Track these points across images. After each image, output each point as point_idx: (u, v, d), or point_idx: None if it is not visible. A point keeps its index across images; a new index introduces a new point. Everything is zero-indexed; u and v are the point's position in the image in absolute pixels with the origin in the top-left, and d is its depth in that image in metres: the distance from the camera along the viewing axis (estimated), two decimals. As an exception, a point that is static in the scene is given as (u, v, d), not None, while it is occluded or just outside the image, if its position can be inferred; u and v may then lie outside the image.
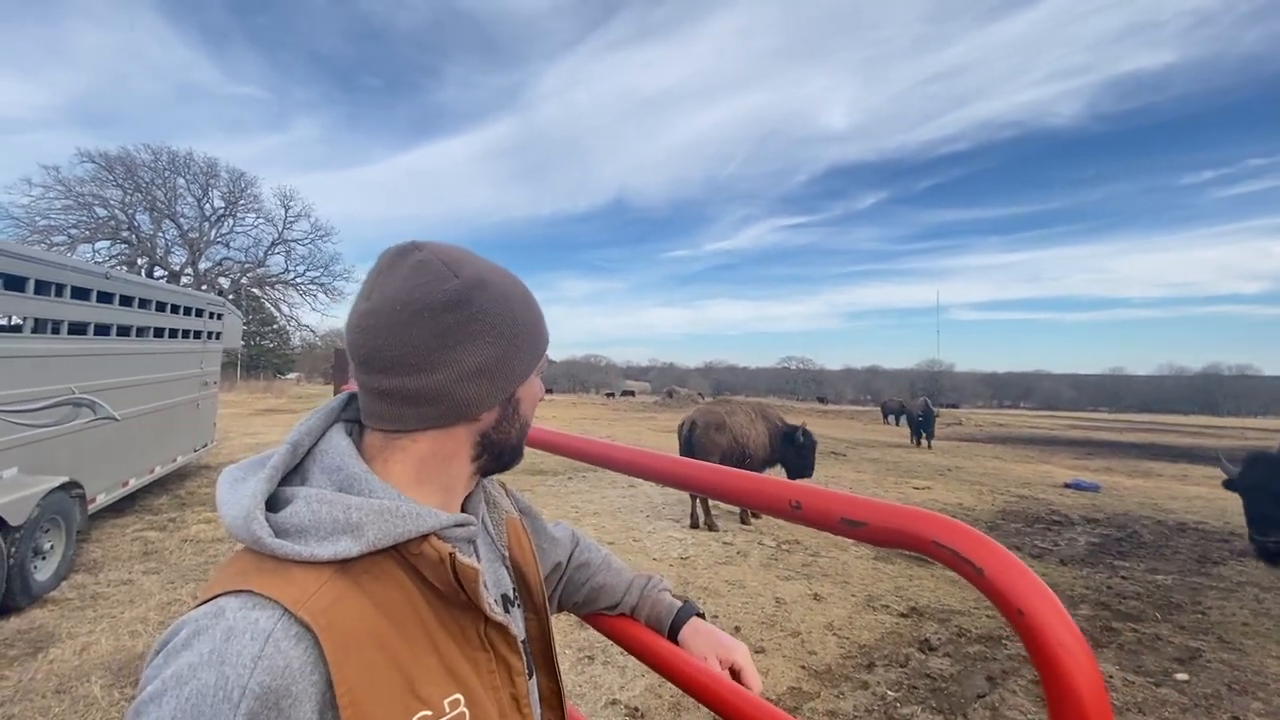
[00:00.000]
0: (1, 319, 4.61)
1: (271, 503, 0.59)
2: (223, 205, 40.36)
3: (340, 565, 0.55)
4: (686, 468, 0.89)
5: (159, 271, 37.51)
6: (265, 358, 51.16)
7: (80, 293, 5.22)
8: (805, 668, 3.90)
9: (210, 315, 8.59)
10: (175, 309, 7.29)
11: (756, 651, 4.08)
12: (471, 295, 0.63)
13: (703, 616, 0.98)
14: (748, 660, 0.90)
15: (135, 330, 6.29)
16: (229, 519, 0.56)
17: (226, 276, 41.37)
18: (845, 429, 25.52)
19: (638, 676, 3.62)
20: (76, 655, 3.66)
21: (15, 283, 4.46)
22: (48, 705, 3.13)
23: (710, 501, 7.49)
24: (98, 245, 35.55)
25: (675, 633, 0.96)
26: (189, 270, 39.19)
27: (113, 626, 4.05)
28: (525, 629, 0.79)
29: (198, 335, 8.17)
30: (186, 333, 7.76)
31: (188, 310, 7.72)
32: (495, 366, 0.64)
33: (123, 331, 6.04)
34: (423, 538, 0.59)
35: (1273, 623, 4.94)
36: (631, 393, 64.72)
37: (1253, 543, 5.12)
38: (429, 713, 0.56)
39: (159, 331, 6.89)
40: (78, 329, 5.26)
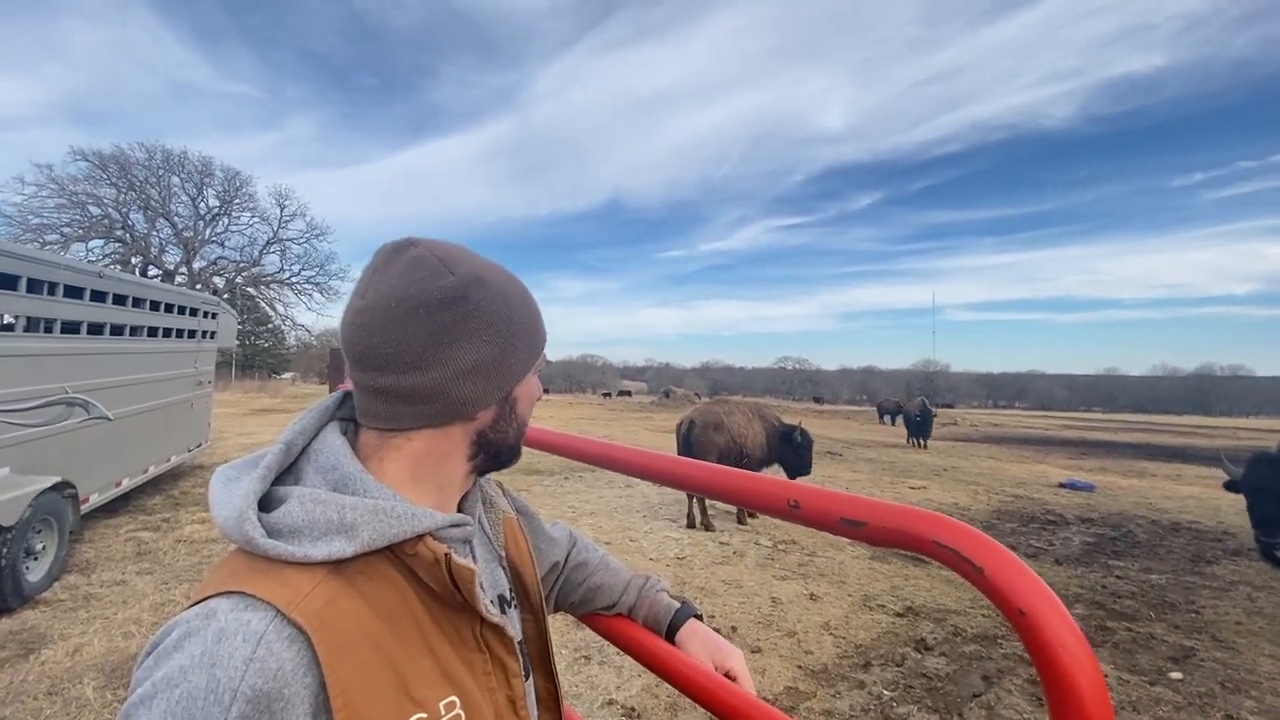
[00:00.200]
0: None
1: (265, 502, 0.58)
2: (217, 204, 40.21)
3: (334, 566, 0.55)
4: (684, 467, 0.88)
5: (153, 270, 37.31)
6: (260, 357, 50.96)
7: (73, 291, 5.18)
8: (802, 667, 3.90)
9: (204, 314, 8.54)
10: (169, 308, 7.25)
11: (753, 651, 4.08)
12: (468, 292, 0.62)
13: (700, 618, 0.98)
14: (742, 666, 0.90)
15: (129, 329, 6.25)
16: (221, 519, 0.55)
17: (221, 276, 41.19)
18: (841, 429, 25.57)
19: (634, 676, 3.61)
20: (69, 657, 3.63)
21: (8, 281, 4.42)
22: (39, 707, 3.10)
23: (707, 501, 7.49)
24: (91, 244, 35.40)
25: (673, 633, 0.95)
26: (183, 269, 39.00)
27: (105, 627, 4.02)
28: (522, 630, 0.78)
29: (192, 334, 8.12)
30: (180, 332, 7.71)
31: (182, 309, 7.67)
32: (492, 365, 0.64)
33: (116, 331, 6.00)
34: (418, 538, 0.58)
35: (1265, 621, 4.97)
36: (628, 393, 64.69)
37: (1258, 544, 5.01)
38: (424, 715, 0.55)
39: (153, 331, 6.85)
40: (71, 328, 5.22)
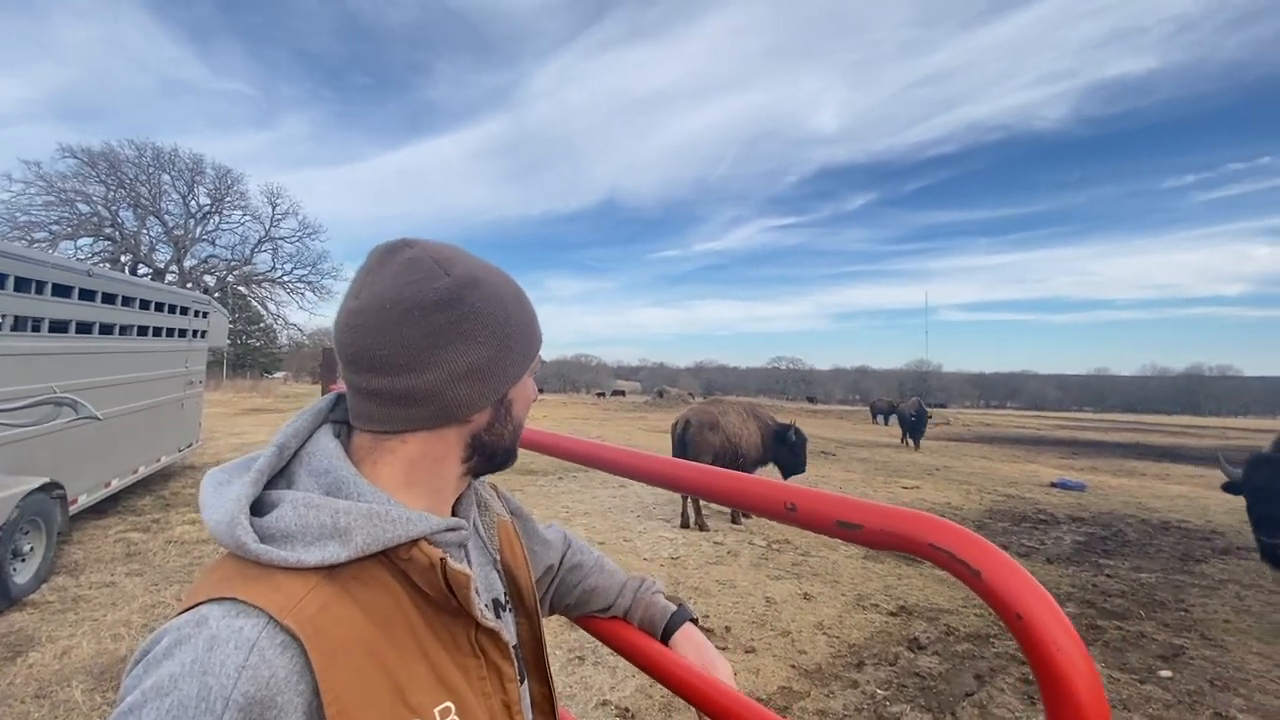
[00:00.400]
0: None
1: (257, 507, 0.57)
2: (209, 202, 39.99)
3: (328, 571, 0.54)
4: (681, 470, 0.88)
5: (143, 269, 37.06)
6: (252, 356, 50.65)
7: (62, 290, 5.13)
8: (795, 667, 3.91)
9: (195, 313, 8.48)
10: (159, 307, 7.18)
11: (747, 651, 4.09)
12: (463, 294, 0.62)
13: (696, 622, 0.98)
14: (729, 680, 0.89)
15: (118, 328, 6.19)
16: (212, 523, 0.55)
17: (212, 274, 40.93)
18: (835, 429, 25.65)
19: (628, 677, 3.61)
20: (57, 659, 3.59)
21: (-5, 280, 4.38)
22: (27, 710, 3.07)
23: (701, 501, 7.50)
24: (80, 242, 35.15)
25: (668, 636, 0.95)
26: (174, 268, 38.74)
27: (94, 630, 3.98)
28: (516, 634, 0.78)
29: (182, 334, 8.06)
30: (171, 331, 7.64)
31: (172, 308, 7.60)
32: (487, 367, 0.63)
33: (105, 330, 5.94)
34: (412, 543, 0.58)
35: (1253, 619, 5.02)
36: (622, 392, 64.71)
37: (1260, 545, 4.95)
38: None
39: (142, 330, 6.78)
40: (59, 327, 5.17)
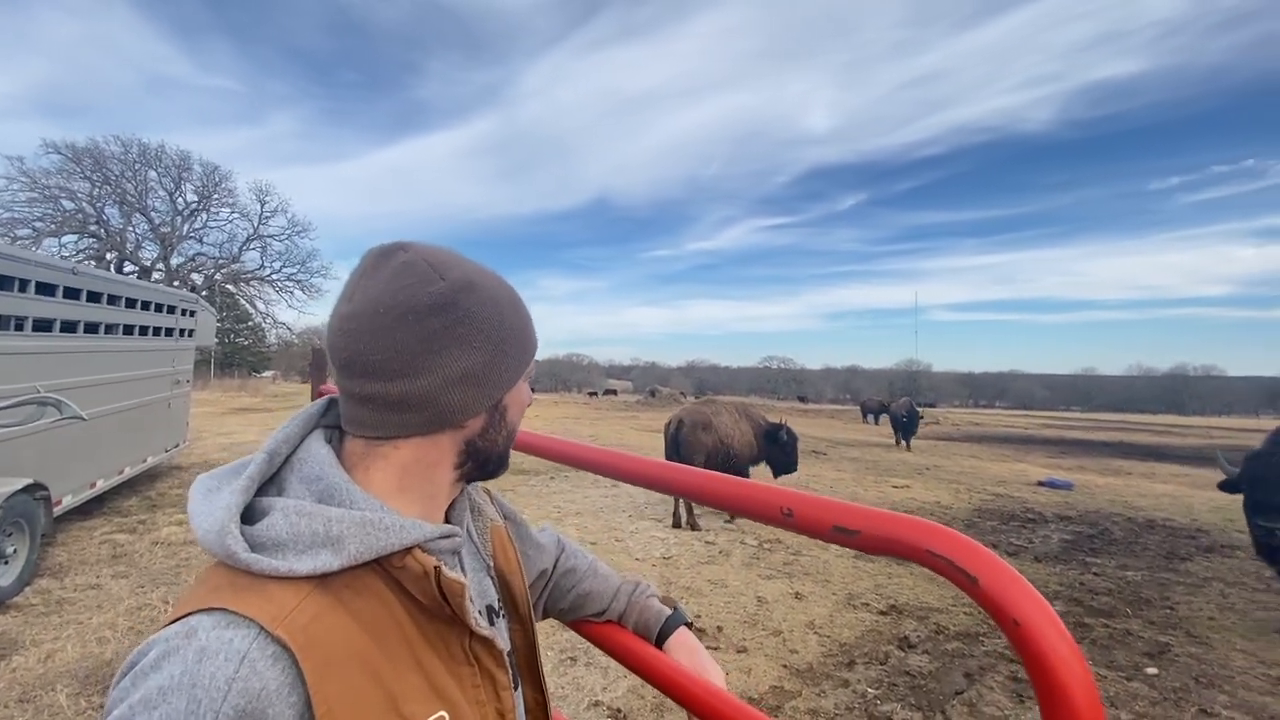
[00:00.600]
0: None
1: (247, 514, 0.56)
2: (196, 199, 39.54)
3: (320, 580, 0.53)
4: (676, 473, 0.87)
5: (129, 267, 36.62)
6: (240, 355, 50.16)
7: (46, 288, 5.06)
8: (787, 666, 3.92)
9: (182, 312, 8.40)
10: (146, 305, 7.11)
11: (739, 651, 4.09)
12: (458, 298, 0.61)
13: (691, 626, 0.98)
14: (722, 684, 0.88)
15: (104, 327, 6.11)
16: (202, 532, 0.54)
17: (200, 272, 40.52)
18: (825, 428, 25.76)
19: (620, 678, 3.61)
20: (41, 663, 3.54)
21: (-23, 278, 4.32)
22: (10, 715, 3.03)
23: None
24: (64, 239, 34.72)
25: (663, 639, 0.95)
26: (160, 266, 38.32)
27: (79, 633, 3.93)
28: (510, 639, 0.77)
29: (169, 332, 7.98)
30: (158, 330, 7.56)
31: (159, 307, 7.52)
32: (482, 372, 0.62)
33: (90, 329, 5.86)
34: (406, 551, 0.57)
35: (1237, 617, 5.09)
36: (614, 392, 64.55)
37: (1254, 536, 4.80)
38: None
39: (128, 329, 6.70)
40: (43, 326, 5.10)
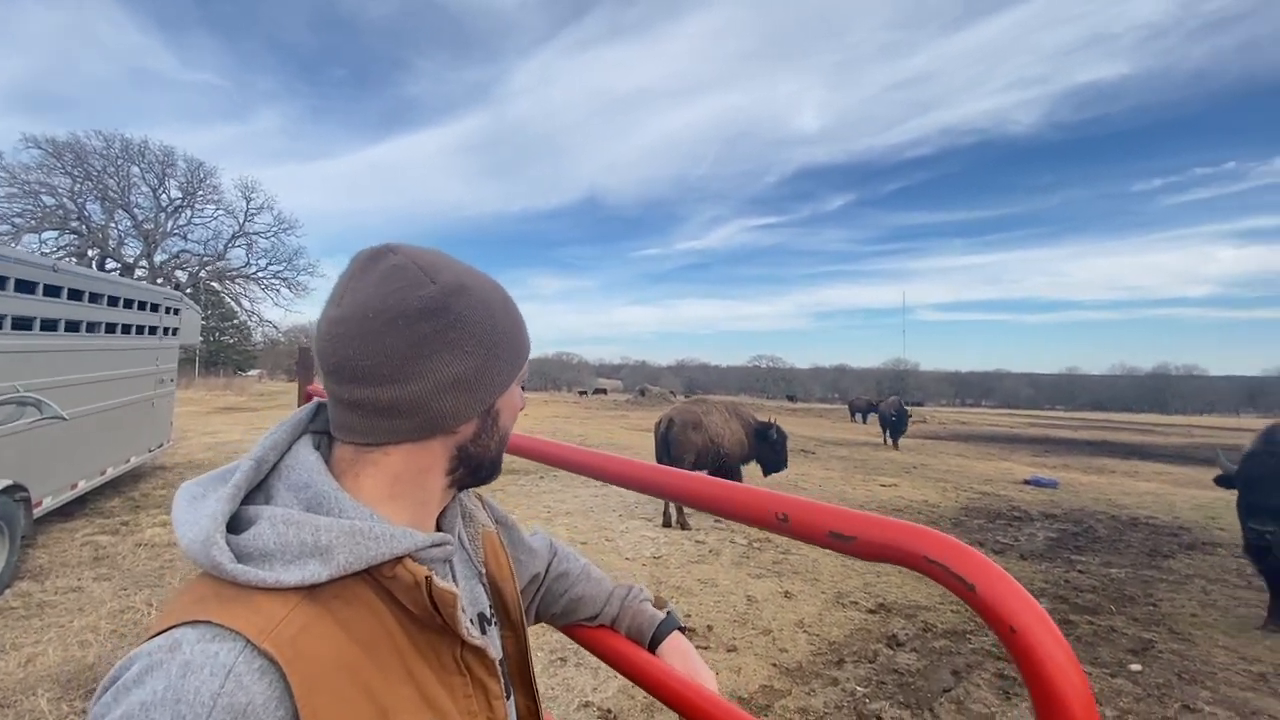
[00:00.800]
0: None
1: (233, 523, 0.55)
2: (180, 196, 39.04)
3: (308, 591, 0.52)
4: (671, 477, 0.87)
5: (111, 264, 36.10)
6: (225, 354, 49.63)
7: (25, 286, 4.97)
8: (777, 665, 3.93)
9: (166, 310, 8.29)
10: (128, 303, 7.01)
11: (728, 650, 4.10)
12: (449, 302, 0.60)
13: (684, 630, 0.97)
14: (714, 689, 0.88)
15: (85, 325, 6.02)
16: (186, 542, 0.52)
17: (184, 270, 40.02)
18: (814, 427, 25.88)
19: (610, 678, 3.60)
20: (21, 667, 3.48)
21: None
22: (-11, 721, 2.98)
23: (682, 500, 7.51)
24: (45, 235, 34.20)
25: (656, 644, 0.94)
26: (144, 263, 37.78)
27: (61, 636, 3.87)
28: (502, 647, 0.77)
29: (153, 331, 7.87)
30: (141, 328, 7.46)
31: (142, 305, 7.42)
32: (474, 377, 0.61)
33: (71, 327, 5.77)
34: (396, 560, 0.56)
35: (1219, 614, 5.17)
36: (604, 391, 64.60)
37: (1246, 536, 4.67)
38: None
39: (111, 327, 6.61)
40: (22, 324, 5.01)
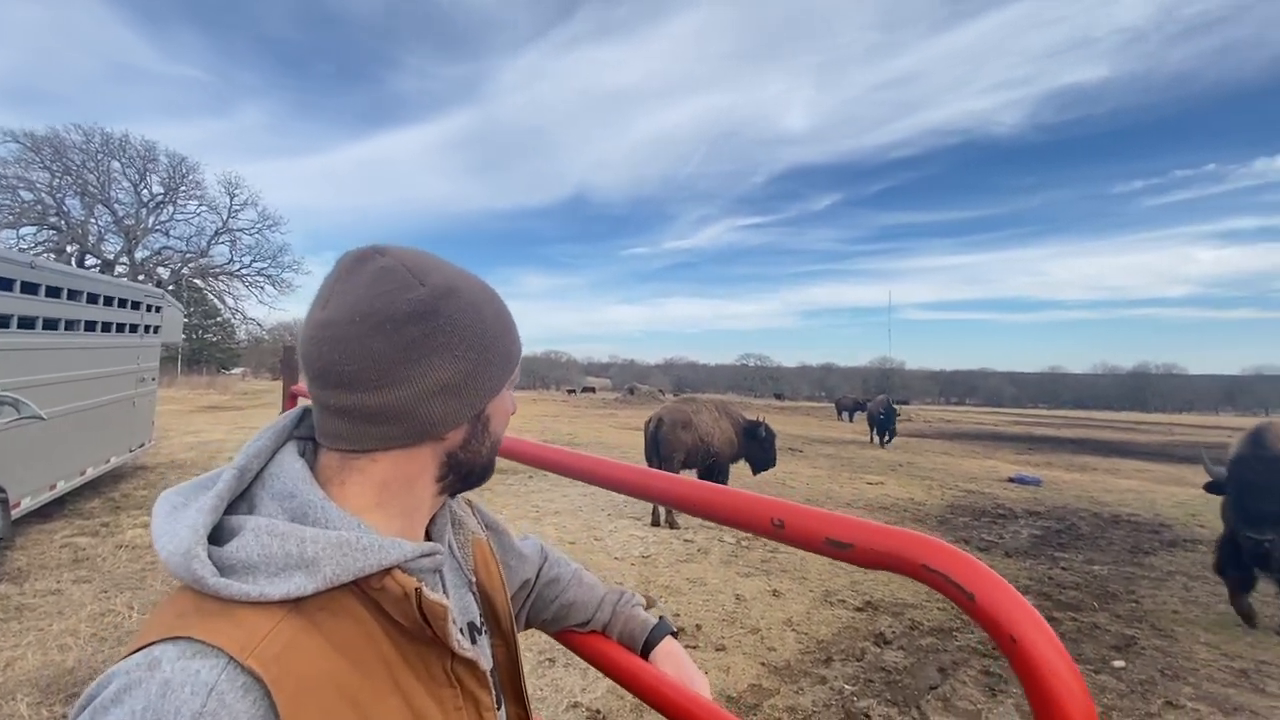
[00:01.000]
0: None
1: (216, 534, 0.53)
2: (162, 191, 38.36)
3: (294, 604, 0.50)
4: (666, 482, 0.86)
5: (91, 260, 35.48)
6: (208, 352, 48.98)
7: (2, 283, 4.88)
8: (765, 664, 3.94)
9: (147, 308, 8.16)
10: (109, 301, 6.89)
11: (717, 649, 4.11)
12: (438, 305, 0.58)
13: (676, 635, 0.96)
14: (708, 695, 0.87)
15: (64, 323, 5.91)
16: (166, 554, 0.50)
17: (166, 266, 39.40)
18: (801, 426, 26.00)
19: (599, 679, 3.59)
20: (0, 672, 3.43)
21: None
22: (-36, 728, 2.92)
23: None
24: (22, 231, 33.44)
25: (648, 650, 0.94)
26: (124, 259, 37.15)
27: (40, 640, 3.79)
28: (492, 656, 0.75)
29: (134, 329, 7.74)
30: (121, 326, 7.34)
31: (122, 302, 7.30)
32: (463, 382, 0.60)
33: (50, 325, 5.66)
34: (385, 571, 0.54)
35: (1200, 610, 5.25)
36: (592, 389, 64.52)
37: (1247, 544, 4.45)
38: None
39: (90, 325, 6.49)
40: (-1, 322, 4.92)
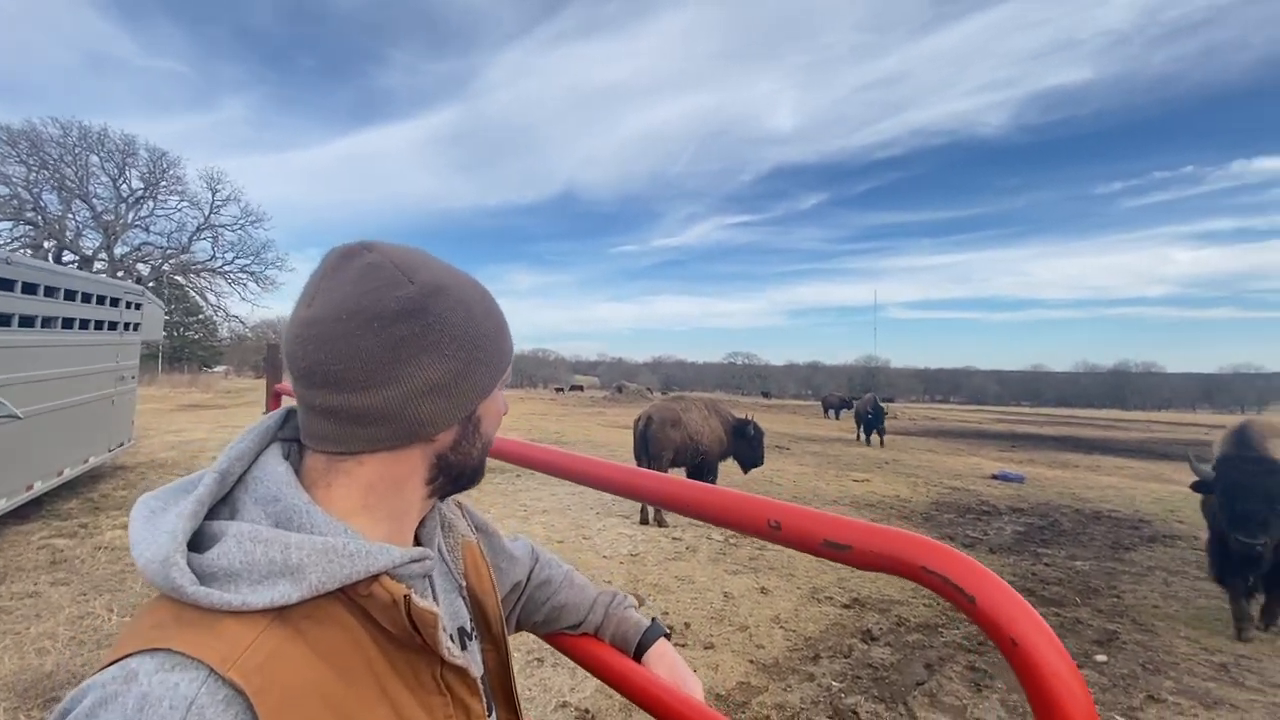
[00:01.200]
0: None
1: (197, 540, 0.51)
2: (141, 186, 37.73)
3: (277, 612, 0.49)
4: (662, 484, 0.84)
5: (69, 256, 34.82)
6: (190, 350, 48.24)
7: (-25, 279, 4.78)
8: (753, 662, 3.95)
9: (127, 304, 8.01)
10: (87, 298, 6.75)
11: (705, 647, 4.11)
12: (428, 303, 0.57)
13: (669, 636, 0.96)
14: (701, 697, 0.87)
15: (41, 321, 5.78)
16: (143, 562, 0.48)
17: (146, 263, 38.77)
18: (788, 423, 26.13)
19: (588, 678, 3.58)
20: (-28, 677, 3.34)
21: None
22: (-64, 735, 2.85)
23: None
24: (-2, 226, 32.81)
25: (641, 652, 0.92)
26: (103, 255, 36.51)
27: (17, 643, 3.71)
28: (483, 661, 0.73)
29: (112, 326, 7.59)
30: (100, 323, 7.19)
31: (101, 299, 7.15)
32: (454, 382, 0.58)
33: (25, 322, 5.54)
34: (373, 578, 0.53)
35: (1179, 605, 5.33)
36: (580, 387, 64.45)
37: (1237, 546, 4.34)
38: None
39: (68, 322, 6.36)
40: (-28, 319, 4.81)
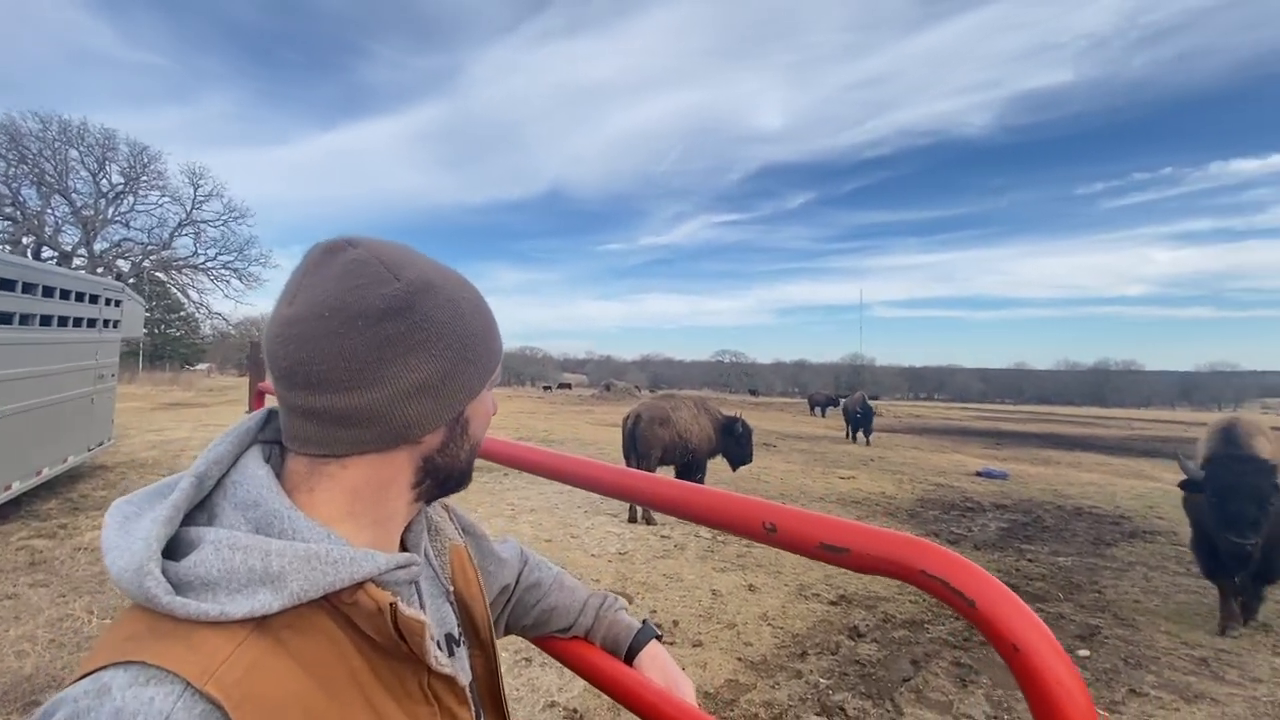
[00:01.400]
0: None
1: (173, 547, 0.49)
2: (122, 181, 36.98)
3: (257, 622, 0.47)
4: (657, 485, 0.83)
5: (47, 252, 34.15)
6: (171, 347, 47.57)
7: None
8: (742, 659, 3.96)
9: (106, 301, 7.86)
10: (65, 294, 6.62)
11: (694, 645, 4.11)
12: (414, 301, 0.55)
13: (660, 638, 0.94)
14: (693, 700, 0.86)
15: (18, 318, 5.67)
16: (116, 570, 0.46)
17: (127, 259, 38.07)
18: (775, 421, 26.25)
19: (576, 677, 3.55)
20: (-55, 683, 3.26)
21: None
22: (-93, 742, 2.78)
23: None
24: (-26, 222, 32.09)
25: (632, 655, 0.91)
26: (83, 251, 35.80)
27: (-10, 648, 3.64)
28: (471, 668, 0.72)
29: (91, 323, 7.46)
30: (79, 321, 7.06)
31: (80, 296, 7.02)
32: (441, 382, 0.56)
33: (3, 319, 5.43)
34: (357, 585, 0.51)
35: (1160, 600, 5.42)
36: (568, 385, 64.35)
37: (1229, 547, 4.30)
38: None
39: (46, 319, 6.23)
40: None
